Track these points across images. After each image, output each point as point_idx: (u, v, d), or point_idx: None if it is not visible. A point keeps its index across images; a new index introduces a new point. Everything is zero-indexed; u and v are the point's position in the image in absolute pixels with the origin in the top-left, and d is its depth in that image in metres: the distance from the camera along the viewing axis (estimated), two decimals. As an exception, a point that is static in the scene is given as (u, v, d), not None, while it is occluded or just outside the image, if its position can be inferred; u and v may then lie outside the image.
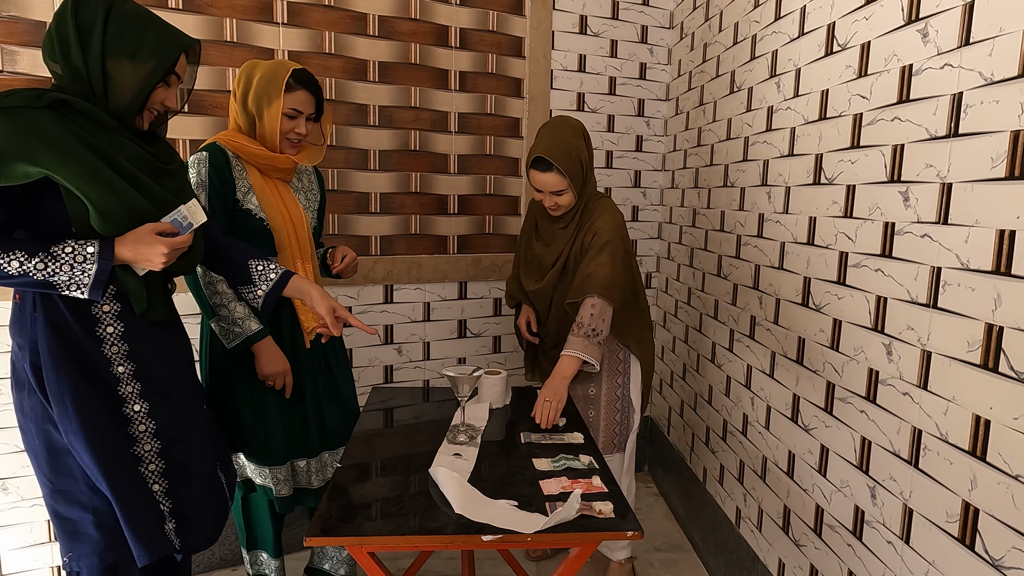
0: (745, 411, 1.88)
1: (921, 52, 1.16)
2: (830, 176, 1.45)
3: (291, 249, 1.55)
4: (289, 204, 1.57)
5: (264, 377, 1.52)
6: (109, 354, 1.17)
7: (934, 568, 1.12)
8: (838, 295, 1.41)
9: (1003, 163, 0.97)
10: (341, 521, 1.11)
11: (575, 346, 1.66)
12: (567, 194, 1.71)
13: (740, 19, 1.93)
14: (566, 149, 1.66)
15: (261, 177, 1.54)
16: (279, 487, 1.59)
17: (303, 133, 1.54)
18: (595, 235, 1.72)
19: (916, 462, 1.17)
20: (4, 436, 1.74)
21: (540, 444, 1.44)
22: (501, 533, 1.06)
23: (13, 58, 1.64)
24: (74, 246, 1.08)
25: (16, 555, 1.79)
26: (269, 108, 1.48)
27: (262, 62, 1.51)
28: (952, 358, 1.08)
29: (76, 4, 1.10)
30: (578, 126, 1.73)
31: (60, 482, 1.17)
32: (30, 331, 1.13)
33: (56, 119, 1.06)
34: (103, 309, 1.17)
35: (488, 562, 2.03)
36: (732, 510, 1.97)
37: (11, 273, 1.05)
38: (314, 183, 1.72)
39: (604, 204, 1.77)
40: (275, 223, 1.53)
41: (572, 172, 1.67)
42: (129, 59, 1.13)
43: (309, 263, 1.60)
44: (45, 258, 1.06)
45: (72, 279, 1.08)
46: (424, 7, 2.12)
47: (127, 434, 1.19)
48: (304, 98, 1.51)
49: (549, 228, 1.84)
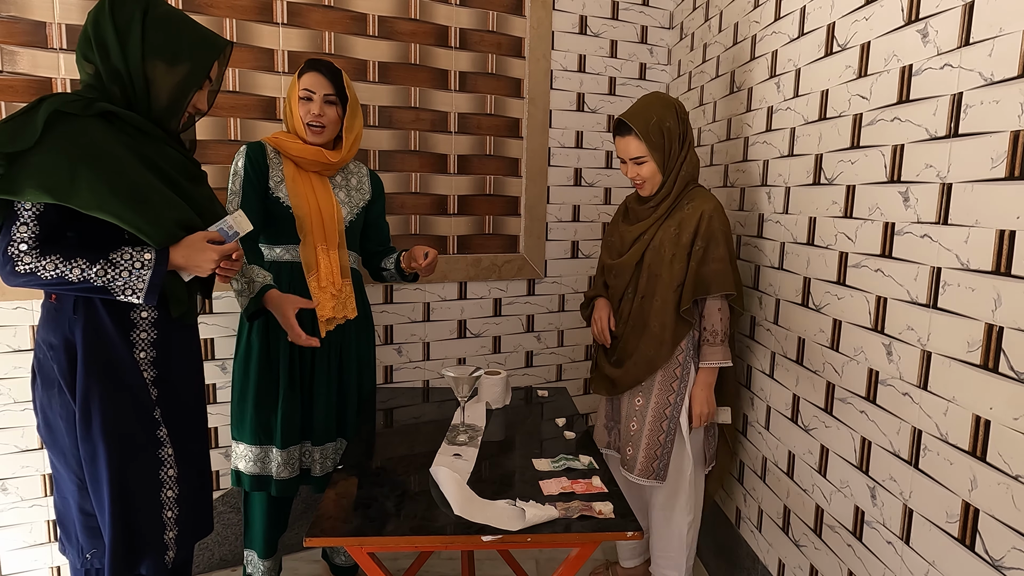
0: (745, 411, 1.88)
1: (921, 52, 1.16)
2: (830, 176, 1.45)
3: (314, 235, 1.62)
4: (320, 194, 1.65)
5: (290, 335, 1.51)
6: (139, 359, 1.20)
7: (934, 568, 1.12)
8: (838, 295, 1.41)
9: (1003, 163, 0.97)
10: (341, 521, 1.11)
11: (715, 356, 1.62)
12: (647, 163, 1.62)
13: (740, 19, 1.93)
14: (647, 115, 1.59)
15: (295, 169, 1.65)
16: (279, 470, 1.64)
17: (317, 113, 1.61)
18: (707, 222, 1.58)
19: (916, 462, 1.17)
20: (4, 436, 1.74)
21: (540, 443, 1.44)
22: (501, 533, 1.06)
23: (13, 58, 1.64)
24: (132, 252, 1.11)
25: (16, 555, 1.79)
26: (291, 98, 1.62)
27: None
28: (952, 358, 1.08)
29: (113, 6, 1.11)
30: (670, 101, 1.64)
31: (93, 477, 1.18)
32: (67, 332, 1.14)
33: (108, 129, 1.09)
34: (141, 315, 1.20)
35: (488, 562, 2.03)
36: (732, 510, 1.97)
37: (72, 280, 1.08)
38: (364, 184, 1.80)
39: (704, 192, 1.66)
40: (299, 210, 1.61)
41: (652, 139, 1.58)
42: (166, 62, 1.15)
43: (335, 251, 1.66)
44: (105, 265, 1.09)
45: (128, 284, 1.11)
46: (424, 7, 2.12)
47: (155, 456, 1.22)
48: (314, 79, 1.61)
49: (638, 209, 1.73)
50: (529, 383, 2.49)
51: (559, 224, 2.46)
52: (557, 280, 2.49)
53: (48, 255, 1.07)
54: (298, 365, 1.65)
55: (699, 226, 1.58)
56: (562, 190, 2.45)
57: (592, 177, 2.48)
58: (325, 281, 1.62)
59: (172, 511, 1.23)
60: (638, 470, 1.65)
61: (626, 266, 1.69)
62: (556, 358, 2.55)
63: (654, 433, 1.64)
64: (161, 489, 1.22)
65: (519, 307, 2.44)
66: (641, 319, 1.66)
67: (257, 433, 1.63)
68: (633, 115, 1.60)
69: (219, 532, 2.03)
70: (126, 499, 1.17)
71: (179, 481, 1.24)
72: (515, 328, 2.45)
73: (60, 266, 1.07)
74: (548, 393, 1.83)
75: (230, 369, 1.97)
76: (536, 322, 2.48)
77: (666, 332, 1.61)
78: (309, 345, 1.49)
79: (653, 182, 1.64)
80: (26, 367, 1.71)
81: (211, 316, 1.93)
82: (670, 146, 1.61)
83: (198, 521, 1.31)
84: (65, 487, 1.20)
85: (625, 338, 1.70)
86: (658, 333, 1.62)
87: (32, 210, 1.07)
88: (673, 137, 1.61)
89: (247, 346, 1.63)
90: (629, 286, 1.70)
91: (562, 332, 2.54)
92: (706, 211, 1.58)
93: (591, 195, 2.50)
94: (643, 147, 1.59)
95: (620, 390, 1.70)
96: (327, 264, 1.63)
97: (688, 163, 1.64)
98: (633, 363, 1.66)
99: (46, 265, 1.06)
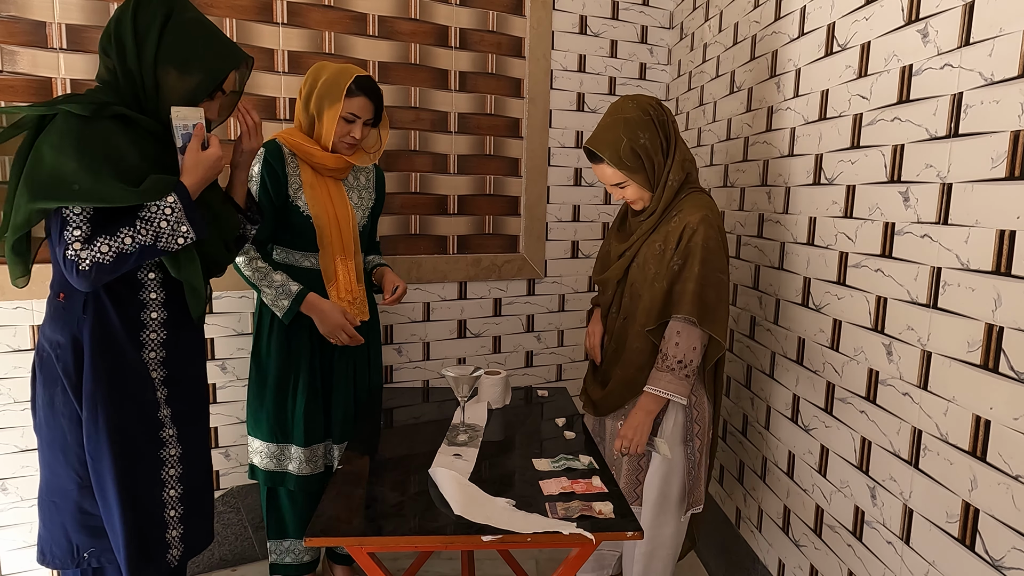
0: (745, 411, 1.88)
1: (921, 52, 1.16)
2: (830, 176, 1.45)
3: (333, 247, 1.63)
4: (337, 202, 1.64)
5: (327, 335, 1.60)
6: (147, 359, 1.21)
7: (934, 568, 1.12)
8: (838, 295, 1.41)
9: (1003, 163, 0.97)
10: (341, 521, 1.11)
11: (658, 382, 1.44)
12: (631, 186, 1.49)
13: (740, 19, 1.93)
14: (615, 139, 1.45)
15: (313, 175, 1.62)
16: (300, 467, 1.67)
17: (358, 137, 1.60)
18: (689, 236, 1.43)
19: (916, 462, 1.17)
20: (4, 436, 1.74)
21: (540, 443, 1.44)
22: (501, 533, 1.06)
23: (13, 58, 1.64)
24: (157, 204, 1.12)
25: (16, 555, 1.79)
26: (329, 110, 1.56)
27: (329, 65, 1.60)
28: (952, 358, 1.08)
29: (138, 6, 1.12)
30: (639, 109, 1.47)
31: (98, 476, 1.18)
32: (75, 331, 1.15)
33: (124, 132, 1.12)
34: (151, 316, 1.21)
35: (488, 562, 2.03)
36: (732, 510, 1.97)
37: (129, 250, 1.10)
38: (371, 183, 1.79)
39: (696, 199, 1.49)
40: (319, 221, 1.61)
41: (628, 164, 1.45)
42: (178, 69, 1.15)
43: (351, 260, 1.67)
44: (142, 224, 1.11)
45: (173, 230, 1.13)
46: (424, 7, 2.12)
47: (157, 456, 1.22)
48: (363, 104, 1.58)
49: (631, 221, 1.61)
50: (529, 383, 2.49)
51: (559, 224, 2.46)
52: (557, 280, 2.49)
53: (95, 240, 1.08)
54: (319, 365, 1.67)
55: (681, 240, 1.44)
56: (562, 190, 2.45)
57: (592, 177, 2.48)
58: (344, 291, 1.65)
59: (175, 510, 1.24)
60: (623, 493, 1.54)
61: (608, 283, 1.61)
62: (556, 358, 2.55)
63: (634, 458, 1.57)
64: (164, 488, 1.23)
65: (519, 307, 2.44)
66: (622, 341, 1.56)
67: (274, 431, 1.65)
68: (600, 141, 1.47)
69: (219, 532, 2.02)
70: (134, 497, 1.17)
71: (182, 480, 1.25)
72: (515, 328, 2.45)
73: (111, 243, 1.08)
74: (548, 393, 1.83)
75: (230, 369, 1.97)
76: (536, 322, 2.48)
77: (644, 356, 1.51)
78: (357, 343, 1.58)
79: (643, 199, 1.52)
80: (26, 367, 1.71)
81: (211, 316, 1.93)
82: (650, 163, 1.47)
83: (200, 525, 1.31)
84: (61, 486, 1.20)
85: (608, 359, 1.62)
86: (635, 357, 1.52)
87: (82, 213, 1.09)
88: (652, 151, 1.46)
89: (267, 345, 1.64)
90: (613, 303, 1.62)
91: (562, 332, 2.54)
92: (691, 223, 1.43)
93: (591, 195, 2.50)
94: (619, 173, 1.47)
95: (601, 412, 1.63)
96: (345, 273, 1.66)
97: (676, 167, 1.48)
98: (614, 385, 1.58)
99: (101, 248, 1.08)
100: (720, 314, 1.43)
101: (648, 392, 1.47)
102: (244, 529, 2.06)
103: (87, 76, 1.70)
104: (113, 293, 1.16)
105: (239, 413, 2.00)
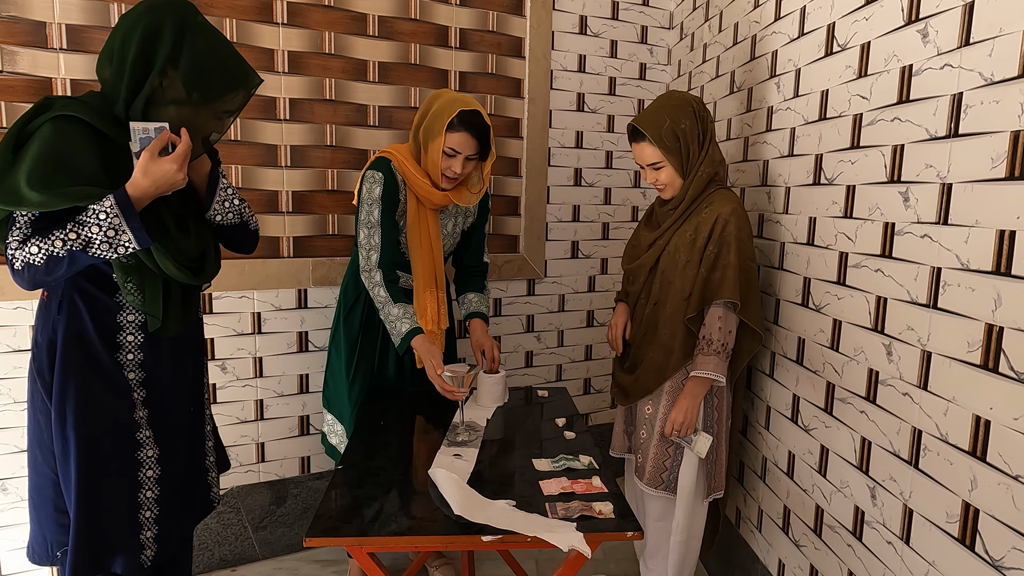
0: (745, 411, 1.88)
1: (921, 52, 1.16)
2: (830, 176, 1.45)
3: (424, 279, 1.69)
4: (433, 238, 1.69)
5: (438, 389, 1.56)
6: (124, 361, 1.20)
7: (934, 568, 1.12)
8: (838, 295, 1.41)
9: (1003, 163, 0.97)
10: (341, 521, 1.11)
11: (706, 366, 1.50)
12: (665, 168, 1.57)
13: (740, 19, 1.93)
14: (660, 119, 1.54)
15: (417, 206, 1.66)
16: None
17: (459, 172, 1.60)
18: (723, 226, 1.51)
19: (916, 462, 1.17)
20: (4, 436, 1.74)
21: (540, 443, 1.44)
22: (501, 533, 1.06)
23: (13, 58, 1.64)
24: (94, 207, 1.07)
25: (16, 555, 1.79)
26: (432, 142, 1.58)
27: (445, 94, 1.61)
28: (952, 358, 1.08)
29: (146, 33, 1.09)
30: (686, 99, 1.57)
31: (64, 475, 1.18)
32: (51, 332, 1.16)
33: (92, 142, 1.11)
34: (127, 318, 1.20)
35: (488, 562, 2.03)
36: (732, 510, 1.97)
37: (58, 254, 1.05)
38: (475, 207, 1.81)
39: (725, 194, 1.58)
40: (413, 253, 1.68)
41: (667, 144, 1.53)
42: (177, 103, 1.13)
43: (441, 291, 1.74)
44: (75, 227, 1.06)
45: (106, 237, 1.07)
46: (424, 7, 2.12)
47: (133, 458, 1.21)
48: (463, 140, 1.57)
49: (660, 212, 1.69)
50: (529, 383, 2.49)
51: (559, 224, 2.46)
52: (557, 280, 2.49)
53: (28, 241, 1.06)
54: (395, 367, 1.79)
55: (713, 230, 1.52)
56: (562, 190, 2.45)
57: (592, 177, 2.49)
58: (431, 324, 1.70)
59: (151, 511, 1.23)
60: (646, 479, 1.63)
61: (640, 270, 1.67)
62: (556, 358, 2.55)
63: (662, 443, 1.61)
64: (140, 490, 1.21)
65: (519, 307, 2.44)
66: (652, 326, 1.63)
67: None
68: (645, 120, 1.56)
69: (219, 532, 2.03)
70: (93, 498, 1.16)
71: (160, 482, 1.24)
72: (515, 328, 2.45)
73: (41, 244, 1.05)
74: (548, 393, 1.83)
75: (230, 369, 1.97)
76: (536, 322, 2.48)
77: (675, 341, 1.57)
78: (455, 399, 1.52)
79: (674, 186, 1.59)
80: (26, 367, 1.71)
81: (211, 316, 1.93)
82: (687, 148, 1.55)
83: (185, 512, 1.31)
84: (40, 484, 1.21)
85: (637, 345, 1.68)
86: (667, 342, 1.58)
87: (27, 215, 1.08)
88: (690, 138, 1.55)
89: (354, 344, 1.75)
90: (643, 292, 1.68)
91: (562, 332, 2.54)
92: (723, 215, 1.51)
93: (591, 195, 2.50)
94: (658, 152, 1.55)
95: (631, 399, 1.67)
96: (433, 306, 1.71)
97: (708, 161, 1.57)
98: (643, 371, 1.63)
99: (31, 250, 1.05)
100: (754, 300, 1.54)
101: (696, 376, 1.53)
102: (244, 529, 2.06)
103: (87, 76, 1.70)
104: (87, 295, 1.16)
105: (239, 413, 2.00)
